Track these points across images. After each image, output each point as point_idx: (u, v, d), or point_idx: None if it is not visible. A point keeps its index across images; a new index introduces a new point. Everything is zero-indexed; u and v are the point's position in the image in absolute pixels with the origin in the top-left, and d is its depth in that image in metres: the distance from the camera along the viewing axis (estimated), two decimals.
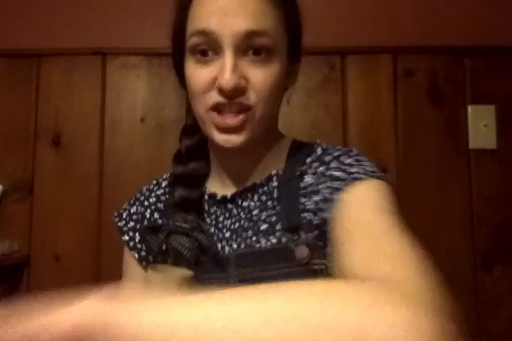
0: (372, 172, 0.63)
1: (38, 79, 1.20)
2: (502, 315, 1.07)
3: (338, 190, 0.61)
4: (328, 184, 0.63)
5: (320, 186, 0.64)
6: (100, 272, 1.14)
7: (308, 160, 0.69)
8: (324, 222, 0.62)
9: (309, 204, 0.65)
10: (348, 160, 0.65)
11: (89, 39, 1.20)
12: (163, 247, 0.67)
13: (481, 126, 1.14)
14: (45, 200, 1.17)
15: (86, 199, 1.16)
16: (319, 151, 0.71)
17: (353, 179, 0.61)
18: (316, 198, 0.64)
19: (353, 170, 0.63)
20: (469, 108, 1.15)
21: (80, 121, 1.19)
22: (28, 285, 1.14)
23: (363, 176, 0.61)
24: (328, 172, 0.64)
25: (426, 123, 1.15)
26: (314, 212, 0.64)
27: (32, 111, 1.19)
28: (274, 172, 0.70)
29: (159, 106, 1.19)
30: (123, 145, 1.18)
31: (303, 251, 0.61)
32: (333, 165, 0.66)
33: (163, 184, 0.78)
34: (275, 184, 0.69)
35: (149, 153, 1.17)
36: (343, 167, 0.64)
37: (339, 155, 0.67)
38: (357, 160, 0.65)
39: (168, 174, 0.80)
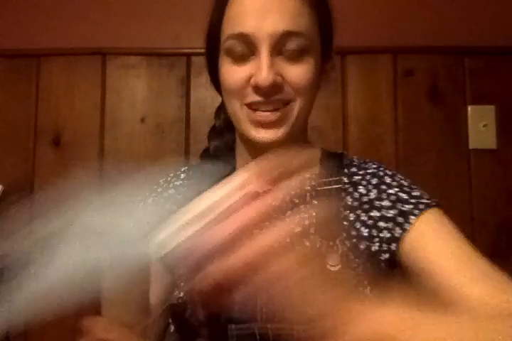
0: (431, 197, 0.67)
1: (38, 79, 1.20)
2: None
3: (409, 214, 0.63)
4: (395, 205, 0.65)
5: (382, 203, 0.66)
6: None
7: (354, 169, 0.71)
8: (374, 237, 0.64)
9: (364, 216, 0.66)
10: (405, 182, 0.68)
11: (89, 39, 1.20)
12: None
13: (481, 126, 1.14)
14: (45, 200, 1.16)
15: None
16: (356, 161, 0.73)
17: (424, 205, 0.64)
18: (375, 214, 0.65)
19: (417, 193, 0.66)
20: (469, 108, 1.15)
21: (80, 121, 1.19)
22: None
23: (431, 203, 0.65)
24: (390, 191, 0.66)
25: (426, 124, 1.15)
26: (368, 225, 0.65)
27: (32, 111, 1.19)
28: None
29: (159, 106, 1.19)
30: (123, 145, 1.18)
31: (334, 259, 0.62)
32: (388, 180, 0.68)
33: (182, 176, 0.78)
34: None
35: (149, 153, 1.17)
36: (405, 189, 0.67)
37: (393, 174, 0.70)
38: (412, 183, 0.69)
39: (186, 167, 0.80)
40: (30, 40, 1.21)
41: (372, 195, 0.67)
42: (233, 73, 0.64)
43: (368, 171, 0.70)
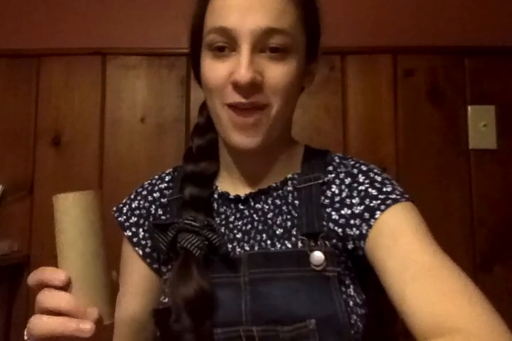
0: (404, 193, 0.64)
1: (38, 79, 1.20)
2: (502, 315, 1.07)
3: (376, 209, 0.61)
4: (364, 201, 0.63)
5: (352, 200, 0.65)
6: None
7: (330, 168, 0.70)
8: (348, 236, 0.64)
9: (335, 215, 0.65)
10: (379, 178, 0.66)
11: (89, 39, 1.20)
12: (171, 245, 0.65)
13: (481, 126, 1.14)
14: (45, 200, 1.16)
15: None
16: (337, 159, 0.71)
17: (392, 200, 0.62)
18: (346, 211, 0.64)
19: (387, 189, 0.64)
20: (469, 108, 1.15)
21: (80, 121, 1.19)
22: (28, 285, 1.14)
23: (400, 198, 0.62)
24: (361, 188, 0.65)
25: (426, 124, 1.15)
26: (340, 225, 0.64)
27: (32, 111, 1.19)
28: (289, 176, 0.70)
29: (159, 106, 1.18)
30: (123, 145, 1.17)
31: (318, 257, 0.61)
32: (361, 179, 0.66)
33: (167, 178, 0.77)
34: (290, 188, 0.69)
35: (149, 153, 1.17)
36: (376, 185, 0.65)
37: (368, 170, 0.68)
38: (386, 179, 0.66)
39: (171, 169, 0.79)
40: (30, 40, 1.21)
41: (344, 193, 0.66)
42: (214, 69, 0.62)
43: (343, 170, 0.69)
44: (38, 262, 1.14)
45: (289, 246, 0.64)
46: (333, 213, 0.65)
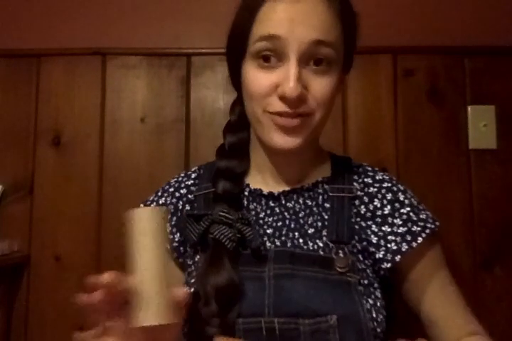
0: (434, 219, 0.73)
1: (38, 79, 1.20)
2: (502, 314, 1.07)
3: (417, 235, 0.70)
4: (407, 224, 0.70)
5: (394, 220, 0.71)
6: (100, 272, 1.13)
7: (369, 180, 0.75)
8: (381, 246, 0.69)
9: (374, 228, 0.70)
10: (415, 202, 0.74)
11: (89, 39, 1.20)
12: (202, 237, 0.68)
13: (481, 126, 1.14)
14: (45, 200, 1.17)
15: (86, 199, 1.16)
16: (370, 172, 0.76)
17: (430, 231, 0.71)
18: (387, 229, 0.70)
19: (423, 216, 0.72)
20: (469, 108, 1.15)
21: (80, 121, 1.19)
22: (28, 285, 1.14)
23: (434, 228, 0.71)
24: (403, 211, 0.71)
25: (426, 124, 1.15)
26: (378, 236, 0.70)
27: (32, 111, 1.19)
28: (320, 179, 0.74)
29: (159, 106, 1.19)
30: (123, 145, 1.17)
31: (343, 262, 0.65)
32: (401, 198, 0.73)
33: (193, 175, 0.80)
34: (320, 191, 0.73)
35: (149, 153, 1.17)
36: (415, 210, 0.72)
37: (405, 190, 0.75)
38: (419, 203, 0.74)
39: (196, 167, 0.82)
40: (30, 40, 1.21)
41: (387, 210, 0.71)
42: (259, 79, 0.65)
43: (383, 185, 0.73)
44: (38, 262, 1.14)
45: (321, 245, 0.67)
46: (374, 226, 0.70)
